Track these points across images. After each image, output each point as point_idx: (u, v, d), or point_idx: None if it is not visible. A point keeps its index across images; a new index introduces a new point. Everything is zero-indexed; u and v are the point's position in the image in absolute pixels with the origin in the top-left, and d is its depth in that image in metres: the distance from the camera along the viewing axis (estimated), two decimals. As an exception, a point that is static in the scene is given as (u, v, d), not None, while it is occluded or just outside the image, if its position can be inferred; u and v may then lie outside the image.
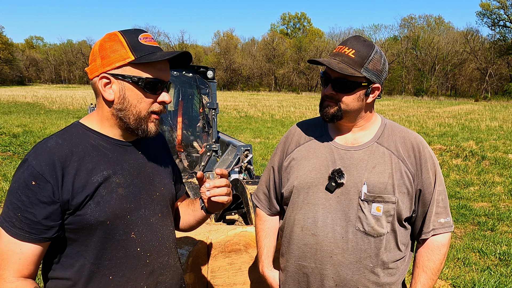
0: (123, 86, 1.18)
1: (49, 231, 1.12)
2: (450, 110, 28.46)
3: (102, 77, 1.18)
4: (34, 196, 1.09)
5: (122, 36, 1.18)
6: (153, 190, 1.31)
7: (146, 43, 1.19)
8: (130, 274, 1.24)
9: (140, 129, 1.23)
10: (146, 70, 1.18)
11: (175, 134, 5.19)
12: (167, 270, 1.34)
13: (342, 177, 1.45)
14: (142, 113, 1.21)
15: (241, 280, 2.06)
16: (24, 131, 12.28)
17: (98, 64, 1.18)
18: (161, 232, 1.32)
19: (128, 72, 1.17)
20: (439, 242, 1.52)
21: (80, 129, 1.23)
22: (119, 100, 1.19)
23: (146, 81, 1.18)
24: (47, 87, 60.91)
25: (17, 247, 1.11)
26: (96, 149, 1.20)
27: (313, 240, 1.48)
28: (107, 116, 1.23)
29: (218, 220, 3.47)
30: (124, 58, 1.16)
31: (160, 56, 1.17)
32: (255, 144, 12.17)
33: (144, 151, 1.33)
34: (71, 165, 1.14)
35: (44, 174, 1.10)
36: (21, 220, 1.10)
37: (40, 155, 1.12)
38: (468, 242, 4.92)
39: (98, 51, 1.19)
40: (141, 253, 1.26)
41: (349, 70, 1.38)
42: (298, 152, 1.59)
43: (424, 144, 1.51)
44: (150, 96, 1.21)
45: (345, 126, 1.53)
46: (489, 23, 59.21)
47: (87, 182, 1.15)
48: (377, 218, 1.43)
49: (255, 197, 1.79)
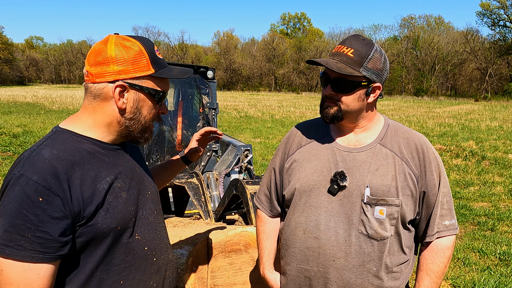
0: (138, 96, 1.19)
1: (65, 247, 1.06)
2: (450, 110, 28.45)
3: (120, 85, 1.15)
4: (44, 213, 1.01)
5: (143, 46, 1.17)
6: (145, 189, 1.32)
7: (159, 56, 1.23)
8: (140, 275, 1.24)
9: (143, 137, 1.26)
10: (161, 83, 1.22)
11: (175, 134, 5.18)
12: (170, 266, 1.37)
13: (344, 179, 1.42)
14: (148, 122, 1.24)
15: (241, 280, 2.06)
16: (24, 131, 12.28)
17: (111, 70, 1.14)
18: (159, 229, 1.34)
19: (146, 84, 1.18)
20: (443, 245, 1.48)
21: (70, 136, 1.17)
22: (132, 110, 1.19)
23: (161, 95, 1.23)
24: (47, 87, 60.90)
25: (34, 273, 1.01)
26: (94, 156, 1.17)
27: (316, 243, 1.46)
28: (110, 122, 1.19)
29: (218, 220, 3.47)
30: (145, 70, 1.17)
31: (177, 74, 1.23)
32: (255, 144, 12.16)
33: (130, 154, 1.33)
34: (75, 175, 1.08)
35: (51, 188, 1.02)
36: (33, 241, 1.00)
37: (40, 168, 1.03)
38: (468, 242, 4.92)
39: (114, 57, 1.13)
40: (148, 252, 1.26)
41: (348, 70, 1.36)
42: (300, 153, 1.56)
43: (428, 145, 1.48)
44: (157, 108, 1.25)
45: (346, 127, 1.51)
46: (489, 23, 59.27)
47: (94, 191, 1.11)
48: (380, 222, 1.41)
49: (256, 199, 1.77)
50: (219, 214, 3.48)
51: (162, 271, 1.32)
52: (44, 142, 1.13)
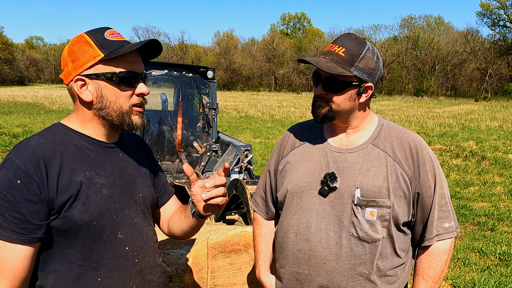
0: (99, 85, 1.17)
1: (39, 230, 1.10)
2: (450, 110, 28.44)
3: (77, 79, 1.17)
4: (21, 195, 1.07)
5: (88, 36, 1.17)
6: (135, 191, 1.31)
7: (113, 39, 1.18)
8: (119, 274, 1.23)
9: (125, 124, 1.22)
10: (118, 65, 1.17)
11: (175, 134, 5.18)
12: (154, 269, 1.34)
13: (335, 181, 1.40)
14: (123, 107, 1.20)
15: (241, 280, 2.06)
16: (24, 131, 12.28)
17: (70, 68, 1.18)
18: (145, 232, 1.32)
19: (101, 70, 1.16)
20: (440, 248, 1.44)
21: (62, 130, 1.22)
22: (98, 100, 1.18)
23: (120, 76, 1.17)
24: (47, 87, 60.87)
25: (8, 252, 1.07)
26: (79, 149, 1.20)
27: (307, 246, 1.43)
28: (88, 117, 1.22)
29: (218, 220, 3.47)
30: (94, 57, 1.15)
31: (128, 48, 1.16)
32: (255, 144, 12.16)
33: (125, 154, 1.32)
34: (55, 164, 1.13)
35: (30, 172, 1.08)
36: (10, 221, 1.06)
37: (23, 154, 1.10)
38: (468, 242, 4.92)
39: (68, 56, 1.18)
40: (129, 252, 1.25)
41: (338, 69, 1.33)
42: (293, 155, 1.55)
43: (423, 145, 1.44)
44: (127, 90, 1.20)
45: (339, 127, 1.49)
46: (489, 23, 59.28)
47: (70, 181, 1.14)
48: (371, 223, 1.37)
49: (253, 201, 1.76)
50: (219, 214, 3.48)
51: (144, 273, 1.30)
52: (39, 133, 1.20)
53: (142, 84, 1.23)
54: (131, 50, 1.16)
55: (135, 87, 1.22)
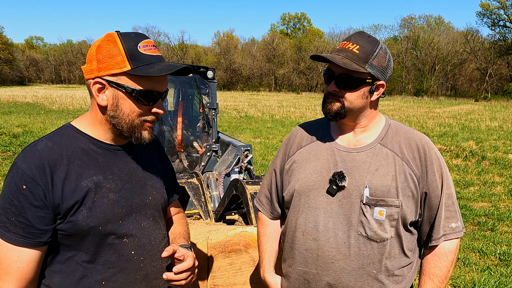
0: (117, 94, 1.15)
1: (44, 235, 1.11)
2: (450, 110, 28.44)
3: (96, 82, 1.15)
4: (26, 200, 1.08)
5: (121, 40, 1.13)
6: (145, 194, 1.29)
7: (145, 52, 1.14)
8: (123, 278, 1.22)
9: (134, 137, 1.21)
10: (142, 81, 1.15)
11: (175, 134, 5.18)
12: (160, 274, 1.31)
13: (343, 180, 1.40)
14: (135, 121, 1.19)
15: (241, 280, 2.06)
16: (24, 131, 12.28)
17: (93, 67, 1.15)
18: (153, 236, 1.30)
19: (123, 81, 1.14)
20: (446, 248, 1.44)
21: (71, 132, 1.21)
22: (112, 107, 1.17)
23: (140, 93, 1.15)
24: (47, 87, 60.89)
25: (15, 255, 1.09)
26: (86, 153, 1.19)
27: (315, 245, 1.43)
28: (100, 120, 1.21)
29: (218, 220, 3.47)
30: (121, 67, 1.12)
31: (157, 71, 1.13)
32: (255, 144, 12.16)
33: (135, 156, 1.30)
34: (61, 169, 1.12)
35: (35, 178, 1.08)
36: (16, 225, 1.08)
37: (29, 159, 1.11)
38: (468, 242, 4.92)
39: (95, 53, 1.15)
40: (135, 257, 1.24)
41: (354, 66, 1.34)
42: (300, 154, 1.55)
43: (430, 145, 1.45)
44: (143, 107, 1.18)
45: (348, 125, 1.49)
46: (489, 23, 59.21)
47: (76, 186, 1.13)
48: (379, 223, 1.38)
49: (257, 201, 1.75)
50: (219, 214, 3.48)
51: (150, 278, 1.29)
52: (48, 135, 1.20)
53: (160, 103, 1.21)
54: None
55: (152, 105, 1.20)
